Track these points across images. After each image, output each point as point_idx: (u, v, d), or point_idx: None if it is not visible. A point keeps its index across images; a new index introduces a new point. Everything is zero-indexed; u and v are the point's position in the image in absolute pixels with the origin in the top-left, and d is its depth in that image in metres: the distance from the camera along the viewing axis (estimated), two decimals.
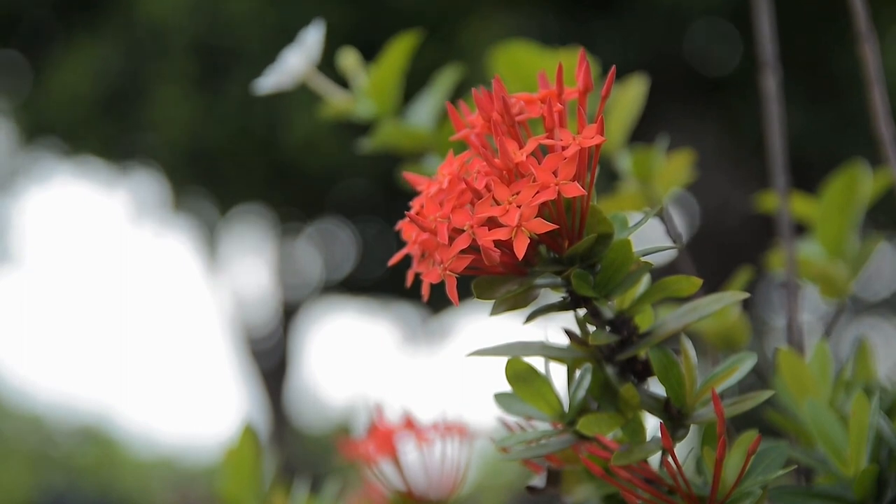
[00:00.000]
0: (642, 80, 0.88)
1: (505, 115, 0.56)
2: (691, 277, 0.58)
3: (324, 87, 0.91)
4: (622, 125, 0.89)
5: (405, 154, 0.91)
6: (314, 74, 0.89)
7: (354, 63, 0.91)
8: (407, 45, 0.89)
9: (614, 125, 0.88)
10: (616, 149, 0.89)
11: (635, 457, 0.58)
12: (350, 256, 5.57)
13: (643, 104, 0.89)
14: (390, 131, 0.89)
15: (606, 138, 0.87)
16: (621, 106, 0.88)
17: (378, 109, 0.90)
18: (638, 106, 0.88)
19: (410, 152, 0.90)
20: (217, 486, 0.87)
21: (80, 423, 8.01)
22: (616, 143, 0.89)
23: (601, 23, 3.86)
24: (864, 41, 0.81)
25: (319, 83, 0.90)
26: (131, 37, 4.25)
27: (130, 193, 5.27)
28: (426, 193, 0.56)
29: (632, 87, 0.88)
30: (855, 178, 0.87)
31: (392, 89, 0.90)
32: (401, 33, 0.89)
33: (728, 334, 0.91)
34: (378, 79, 0.89)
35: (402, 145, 0.90)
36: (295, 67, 0.88)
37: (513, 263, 0.56)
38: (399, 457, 0.84)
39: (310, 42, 0.89)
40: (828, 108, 3.91)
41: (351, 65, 0.91)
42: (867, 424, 0.62)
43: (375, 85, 0.89)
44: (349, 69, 0.91)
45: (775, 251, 0.92)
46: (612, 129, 0.88)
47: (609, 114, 0.88)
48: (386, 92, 0.89)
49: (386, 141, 0.89)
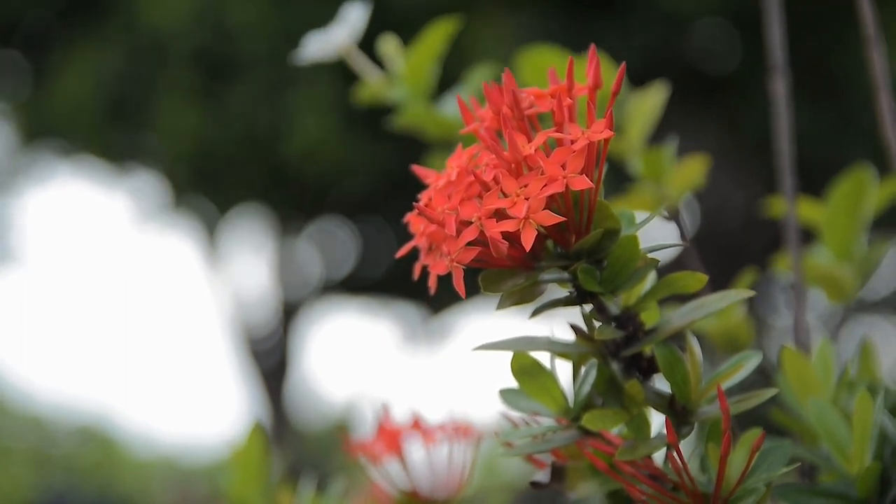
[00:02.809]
0: (663, 88, 0.89)
1: (514, 108, 0.56)
2: (697, 274, 0.58)
3: (362, 65, 0.91)
4: (641, 131, 0.89)
5: (431, 139, 0.91)
6: (354, 50, 0.90)
7: (394, 48, 0.91)
8: (444, 31, 0.89)
9: (633, 131, 0.89)
10: (633, 153, 0.90)
11: (640, 453, 0.58)
12: (350, 256, 5.57)
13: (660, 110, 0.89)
14: (420, 114, 0.89)
15: (625, 143, 0.88)
16: (641, 113, 0.88)
17: (412, 92, 0.90)
18: (657, 113, 0.89)
19: (436, 139, 0.91)
20: (224, 486, 0.87)
21: (80, 422, 8.01)
22: (634, 148, 0.89)
23: (603, 23, 3.87)
24: (872, 45, 0.81)
25: (358, 60, 0.91)
26: (133, 43, 4.25)
27: (131, 193, 5.28)
28: (434, 186, 0.56)
29: (653, 95, 0.89)
30: (862, 182, 0.87)
31: (427, 73, 0.91)
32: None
33: (732, 334, 0.91)
34: (414, 62, 0.90)
35: (429, 130, 0.91)
36: (338, 40, 0.89)
37: (520, 256, 0.56)
38: (405, 456, 0.84)
39: (353, 18, 0.89)
40: (828, 109, 3.91)
41: (390, 49, 0.91)
42: (871, 422, 0.62)
43: (411, 68, 0.90)
44: (388, 53, 0.91)
45: (782, 254, 0.92)
46: (631, 135, 0.89)
47: (629, 121, 0.88)
48: (421, 75, 0.91)
49: (415, 122, 0.90)
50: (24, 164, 5.43)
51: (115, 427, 8.29)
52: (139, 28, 4.18)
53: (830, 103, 3.94)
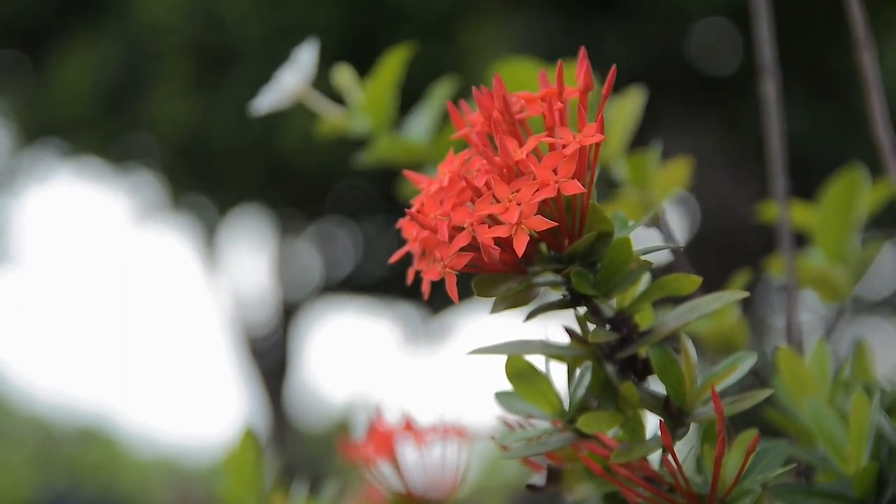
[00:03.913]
0: (640, 92, 0.88)
1: (505, 113, 0.56)
2: (691, 276, 0.59)
3: (319, 105, 0.91)
4: (621, 135, 0.89)
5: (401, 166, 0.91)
6: (310, 92, 0.90)
7: (349, 79, 0.91)
8: (400, 58, 0.89)
9: (614, 136, 0.89)
10: (615, 158, 0.90)
11: (635, 455, 0.58)
12: (350, 256, 5.57)
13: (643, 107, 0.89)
14: (387, 146, 0.89)
15: (606, 148, 0.88)
16: (620, 117, 0.88)
17: (374, 124, 0.90)
18: (636, 116, 0.88)
19: (406, 165, 0.90)
20: (218, 488, 0.87)
21: (81, 423, 8.02)
22: (615, 153, 0.89)
23: (603, 23, 3.86)
24: (863, 48, 0.82)
25: (315, 100, 0.91)
26: (129, 36, 4.26)
27: (130, 193, 5.28)
28: (427, 191, 0.56)
29: (630, 99, 0.88)
30: (854, 183, 0.87)
31: (387, 104, 0.90)
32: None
33: (727, 335, 0.91)
34: (373, 94, 0.90)
35: (398, 159, 0.90)
36: (290, 86, 0.89)
37: (513, 261, 0.56)
38: (398, 458, 0.84)
39: (304, 60, 0.90)
40: (827, 110, 3.91)
41: (346, 81, 0.91)
42: (868, 422, 0.62)
43: (370, 100, 0.90)
44: (344, 85, 0.91)
45: (775, 255, 0.93)
46: (612, 139, 0.89)
47: (609, 125, 0.88)
48: (381, 107, 0.90)
49: (383, 155, 0.90)
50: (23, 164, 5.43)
51: (116, 427, 8.30)
52: (134, 21, 4.19)
53: (830, 105, 3.94)
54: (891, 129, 0.80)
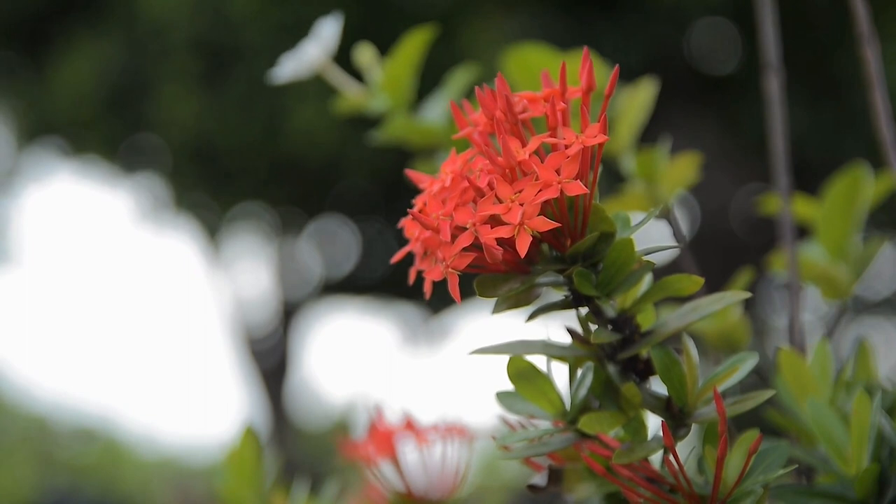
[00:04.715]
0: (652, 84, 0.88)
1: (508, 113, 0.56)
2: (693, 276, 0.58)
3: (339, 80, 0.91)
4: (631, 128, 0.89)
5: (415, 149, 0.91)
6: (330, 66, 0.90)
7: (370, 57, 0.91)
8: (421, 39, 0.89)
9: (623, 128, 0.88)
10: (623, 151, 0.90)
11: (637, 455, 0.58)
12: (351, 256, 5.57)
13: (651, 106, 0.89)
14: (402, 125, 0.89)
15: (615, 140, 0.88)
16: (631, 109, 0.88)
17: (392, 103, 0.90)
18: (647, 109, 0.88)
19: (420, 148, 0.90)
20: (218, 487, 0.87)
21: (83, 423, 8.02)
22: (624, 146, 0.89)
23: (604, 23, 3.86)
24: (866, 44, 0.81)
25: (334, 75, 0.91)
26: (133, 35, 4.25)
27: (132, 193, 5.28)
28: (429, 191, 0.56)
29: (642, 91, 0.88)
30: (857, 180, 0.87)
31: (406, 83, 0.90)
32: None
33: (729, 335, 0.91)
34: (392, 73, 0.90)
35: (412, 140, 0.90)
36: (312, 57, 0.89)
37: (515, 261, 0.56)
38: (399, 457, 0.84)
39: (327, 33, 0.89)
40: (829, 109, 3.91)
41: (366, 59, 0.91)
42: (869, 423, 0.62)
43: (390, 79, 0.90)
44: (364, 63, 0.91)
45: (777, 252, 0.93)
46: (621, 131, 0.88)
47: (619, 117, 0.88)
48: (400, 86, 0.90)
49: (397, 134, 0.90)
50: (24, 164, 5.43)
51: (118, 427, 8.30)
52: (138, 18, 4.19)
53: (832, 103, 3.93)
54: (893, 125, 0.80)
